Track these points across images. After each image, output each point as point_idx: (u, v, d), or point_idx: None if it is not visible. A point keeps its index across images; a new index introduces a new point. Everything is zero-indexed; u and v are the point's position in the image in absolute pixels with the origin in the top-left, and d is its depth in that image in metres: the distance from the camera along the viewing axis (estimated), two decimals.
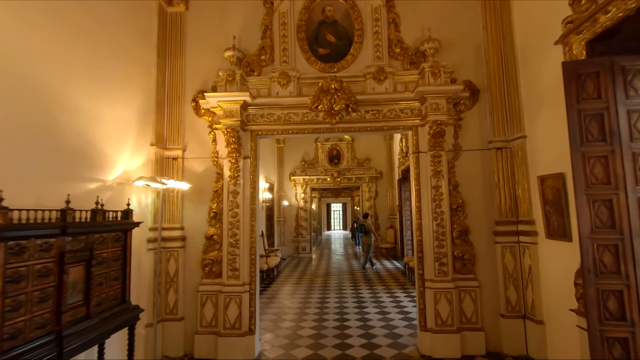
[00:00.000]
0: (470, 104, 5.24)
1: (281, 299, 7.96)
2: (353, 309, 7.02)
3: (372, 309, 6.99)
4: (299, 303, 7.53)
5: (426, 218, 5.06)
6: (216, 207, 5.23)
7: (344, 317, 6.48)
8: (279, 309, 7.14)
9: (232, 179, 5.12)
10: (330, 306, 7.24)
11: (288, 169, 14.22)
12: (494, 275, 5.02)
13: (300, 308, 7.15)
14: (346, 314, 6.67)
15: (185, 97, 5.42)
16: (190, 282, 5.18)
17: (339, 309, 7.05)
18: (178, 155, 5.30)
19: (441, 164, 5.05)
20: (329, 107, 5.04)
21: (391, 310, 6.84)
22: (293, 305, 7.42)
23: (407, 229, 12.05)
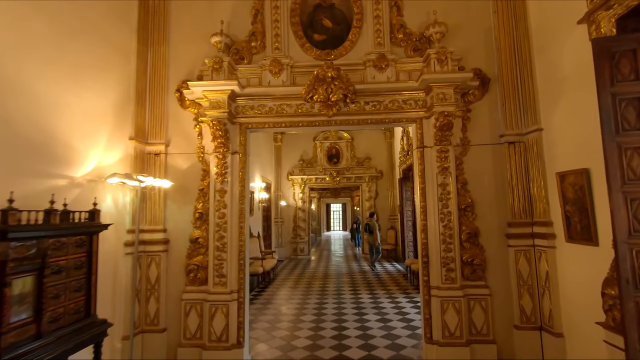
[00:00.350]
0: (480, 94, 4.76)
1: (276, 304, 7.48)
2: (352, 315, 6.54)
3: (372, 315, 6.51)
4: (295, 309, 7.05)
5: (432, 219, 4.58)
6: (202, 207, 4.75)
7: (342, 326, 6.00)
8: (273, 316, 6.66)
9: (219, 177, 4.65)
10: (328, 312, 6.76)
11: (286, 168, 13.75)
12: (507, 282, 4.53)
13: (296, 315, 6.67)
14: (345, 322, 6.19)
15: (168, 87, 4.94)
16: (173, 290, 4.70)
17: (337, 315, 6.57)
18: (160, 150, 4.82)
19: (448, 160, 4.57)
20: (325, 97, 4.56)
21: (393, 318, 6.35)
22: (289, 311, 6.94)
23: (408, 230, 11.56)
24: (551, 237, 4.19)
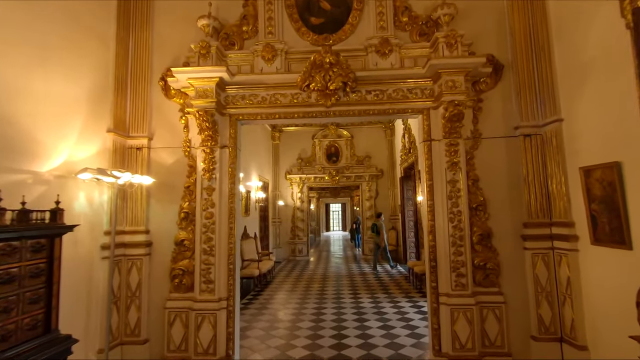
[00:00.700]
0: (492, 82, 4.32)
1: (273, 309, 7.04)
2: (353, 322, 6.09)
3: (374, 322, 6.07)
4: (292, 315, 6.61)
5: (440, 219, 4.14)
6: (188, 207, 4.30)
7: (342, 334, 5.55)
8: (268, 322, 6.21)
9: (206, 173, 4.21)
10: (327, 319, 6.32)
11: (284, 167, 13.30)
12: (523, 288, 4.10)
13: (292, 321, 6.22)
14: (345, 329, 5.75)
15: (152, 76, 4.50)
16: (156, 297, 4.25)
17: (337, 322, 6.13)
18: (143, 144, 4.38)
19: (458, 154, 4.14)
20: (323, 85, 4.12)
21: (396, 325, 5.91)
22: (285, 317, 6.49)
23: (409, 230, 11.12)
24: (573, 239, 3.76)
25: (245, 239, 9.34)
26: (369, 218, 13.02)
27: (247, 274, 8.31)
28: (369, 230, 13.04)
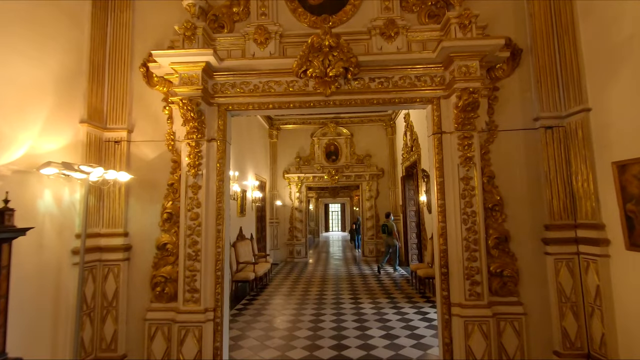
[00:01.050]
0: (509, 69, 3.87)
1: (268, 315, 6.57)
2: (353, 330, 5.63)
3: (376, 330, 5.60)
4: (288, 322, 6.15)
5: (452, 220, 3.69)
6: (171, 206, 3.84)
7: (341, 344, 5.09)
8: (263, 330, 5.75)
9: (191, 169, 3.75)
10: (325, 326, 5.86)
11: (282, 166, 12.83)
12: (545, 298, 3.64)
13: (289, 329, 5.76)
14: (345, 338, 5.29)
15: (133, 61, 4.04)
16: (135, 307, 3.79)
17: (336, 330, 5.67)
18: (122, 137, 3.92)
19: (472, 148, 3.69)
20: (322, 71, 3.67)
21: (400, 334, 5.45)
22: (282, 324, 6.03)
23: (412, 231, 10.67)
24: (603, 243, 3.30)
25: (240, 240, 8.89)
26: (369, 219, 12.57)
27: (242, 277, 7.85)
28: (369, 231, 12.61)
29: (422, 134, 9.28)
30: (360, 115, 12.50)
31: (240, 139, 9.43)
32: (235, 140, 9.11)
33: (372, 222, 12.50)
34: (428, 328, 5.68)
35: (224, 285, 3.77)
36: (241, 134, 9.49)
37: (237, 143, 9.07)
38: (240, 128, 9.36)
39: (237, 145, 9.06)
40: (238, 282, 8.05)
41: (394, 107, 3.97)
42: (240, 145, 9.42)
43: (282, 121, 12.73)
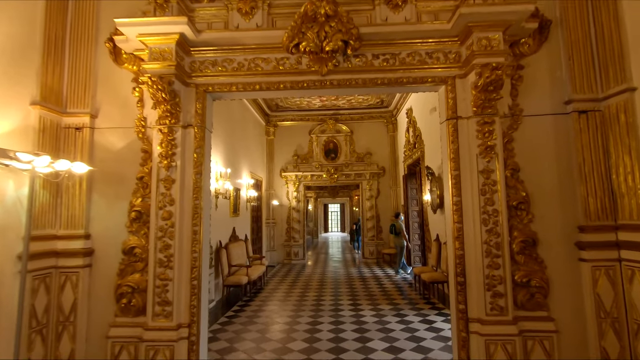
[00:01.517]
0: (536, 44, 3.29)
1: (261, 324, 5.98)
2: (353, 342, 5.04)
3: (378, 342, 5.01)
4: (282, 332, 5.55)
5: (470, 221, 3.10)
6: (140, 204, 3.26)
7: (340, 358, 4.51)
8: (254, 342, 5.16)
9: (163, 160, 3.16)
10: (322, 337, 5.26)
11: (279, 165, 12.24)
12: (580, 312, 3.06)
13: (283, 340, 5.17)
14: (344, 352, 4.69)
15: (98, 34, 3.45)
16: (97, 323, 3.20)
17: (334, 341, 5.08)
18: (84, 123, 3.33)
19: (493, 136, 3.10)
20: (317, 46, 3.09)
21: (404, 346, 4.86)
22: (275, 334, 5.44)
23: (414, 232, 10.09)
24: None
25: (233, 241, 8.30)
26: (369, 219, 11.98)
27: (234, 281, 7.27)
28: (370, 232, 12.02)
29: (425, 129, 8.70)
30: (360, 112, 11.94)
31: (234, 134, 8.85)
32: (228, 135, 8.56)
33: (373, 223, 11.91)
34: (435, 340, 5.09)
35: (202, 297, 3.17)
36: (235, 130, 8.91)
37: (231, 139, 8.49)
38: (234, 123, 8.78)
39: (231, 141, 8.48)
40: (230, 287, 7.46)
41: (401, 88, 3.39)
42: (234, 141, 8.85)
43: (279, 118, 12.15)
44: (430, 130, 8.32)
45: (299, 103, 11.28)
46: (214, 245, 7.24)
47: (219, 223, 7.47)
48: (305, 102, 11.13)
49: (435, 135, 8.05)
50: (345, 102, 11.17)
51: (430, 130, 8.31)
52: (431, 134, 8.25)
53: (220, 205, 7.59)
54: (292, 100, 10.94)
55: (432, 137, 8.22)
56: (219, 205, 7.46)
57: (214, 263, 7.16)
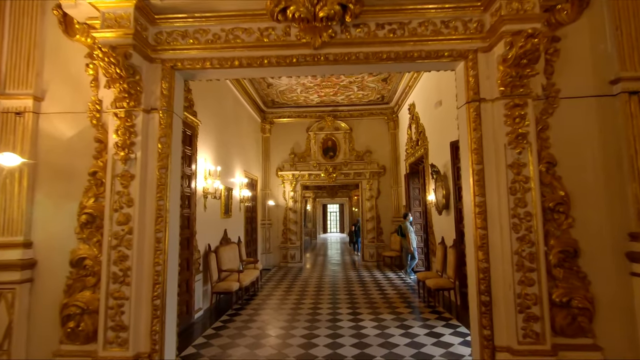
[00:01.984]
0: (575, 11, 2.68)
1: (251, 337, 5.36)
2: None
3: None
4: (273, 347, 4.93)
5: (496, 226, 2.50)
6: (93, 205, 2.65)
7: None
8: (243, 357, 4.55)
9: (120, 151, 2.55)
10: (318, 353, 4.64)
11: (275, 163, 11.62)
12: (633, 339, 2.45)
13: (274, 356, 4.56)
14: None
15: (45, 0, 2.85)
16: (37, 351, 2.58)
17: (332, 358, 4.47)
18: (26, 106, 2.72)
19: (526, 121, 2.50)
20: (309, 11, 2.48)
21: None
22: (265, 350, 4.80)
23: (416, 235, 9.48)
24: None
25: (224, 244, 7.68)
26: (369, 220, 11.37)
27: (223, 288, 6.65)
28: (370, 233, 11.41)
29: (429, 125, 8.10)
30: (359, 108, 11.34)
31: (226, 131, 8.25)
32: (220, 132, 7.93)
33: (373, 224, 11.29)
34: (444, 357, 4.48)
35: (166, 320, 2.56)
36: (227, 126, 8.31)
37: (222, 135, 7.88)
38: (225, 118, 8.18)
39: (223, 137, 7.87)
40: (220, 294, 6.85)
41: (411, 65, 2.78)
42: (227, 138, 8.24)
43: (276, 114, 11.55)
44: (434, 126, 7.72)
45: (295, 99, 10.68)
46: (203, 249, 6.63)
47: (208, 225, 6.86)
48: (302, 97, 10.53)
49: (440, 130, 7.48)
50: (344, 97, 10.57)
51: (434, 125, 7.71)
52: (436, 129, 7.65)
53: (210, 205, 6.98)
54: (289, 95, 10.34)
55: (436, 133, 7.62)
56: (208, 206, 6.85)
57: (202, 268, 6.55)
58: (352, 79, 9.09)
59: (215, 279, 6.78)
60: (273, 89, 9.73)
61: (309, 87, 9.64)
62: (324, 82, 9.28)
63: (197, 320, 6.03)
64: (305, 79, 9.04)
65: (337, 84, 9.42)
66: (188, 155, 5.96)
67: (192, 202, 6.02)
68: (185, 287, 5.79)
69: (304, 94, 10.19)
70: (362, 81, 9.24)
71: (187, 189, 5.84)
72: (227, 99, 8.35)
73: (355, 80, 9.20)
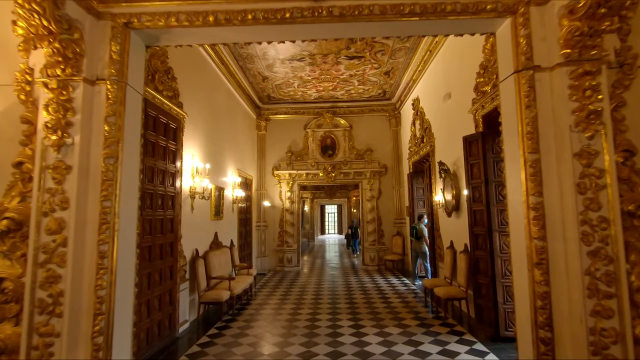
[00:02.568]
0: None
1: (240, 355, 4.66)
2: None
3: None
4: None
5: (558, 236, 1.83)
6: (17, 208, 1.95)
7: None
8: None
9: (51, 134, 1.86)
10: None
11: (271, 162, 10.93)
12: None
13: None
14: None
15: None
16: None
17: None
18: None
19: (599, 95, 1.83)
20: None
21: None
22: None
23: None
24: None
25: (215, 249, 6.99)
26: (370, 222, 10.70)
27: (212, 298, 5.95)
28: (370, 236, 10.73)
29: (436, 121, 7.45)
30: (360, 105, 10.69)
31: (218, 126, 7.56)
32: (210, 127, 7.19)
33: (374, 226, 10.62)
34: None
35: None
36: (219, 121, 7.62)
37: (213, 131, 7.18)
38: (217, 112, 7.49)
39: (213, 133, 7.18)
40: (209, 304, 6.15)
41: (440, 24, 2.08)
42: (218, 134, 7.55)
43: (272, 111, 10.88)
44: (442, 121, 7.06)
45: (292, 94, 10.01)
46: (189, 254, 5.94)
47: (196, 228, 6.17)
48: (300, 92, 9.86)
49: (449, 126, 6.82)
50: (343, 92, 9.91)
51: (442, 120, 7.06)
52: (444, 125, 7.00)
53: (198, 206, 6.29)
54: (285, 90, 9.66)
55: (445, 129, 6.97)
56: (195, 206, 6.16)
57: (188, 276, 5.85)
58: (352, 72, 8.44)
59: (203, 287, 6.08)
60: (269, 82, 9.05)
61: (306, 81, 8.97)
62: (322, 75, 8.62)
63: (181, 335, 5.34)
64: (303, 72, 8.37)
65: (337, 77, 8.75)
66: (172, 150, 5.27)
67: (176, 203, 5.33)
68: (169, 298, 5.10)
69: (302, 89, 9.53)
70: (363, 74, 8.59)
71: (170, 188, 5.15)
72: (219, 91, 7.66)
73: (356, 73, 8.54)
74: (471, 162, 5.27)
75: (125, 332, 1.94)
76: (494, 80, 4.82)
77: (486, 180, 4.95)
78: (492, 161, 4.97)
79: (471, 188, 5.27)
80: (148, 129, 4.50)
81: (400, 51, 7.51)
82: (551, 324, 1.82)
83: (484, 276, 5.08)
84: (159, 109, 4.83)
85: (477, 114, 5.37)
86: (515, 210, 2.01)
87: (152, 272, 4.66)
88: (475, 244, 5.26)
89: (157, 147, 4.81)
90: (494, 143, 5.00)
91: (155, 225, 4.75)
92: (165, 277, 5.03)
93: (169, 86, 5.16)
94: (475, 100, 5.41)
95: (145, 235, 4.51)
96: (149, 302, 4.57)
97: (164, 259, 4.99)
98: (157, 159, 4.78)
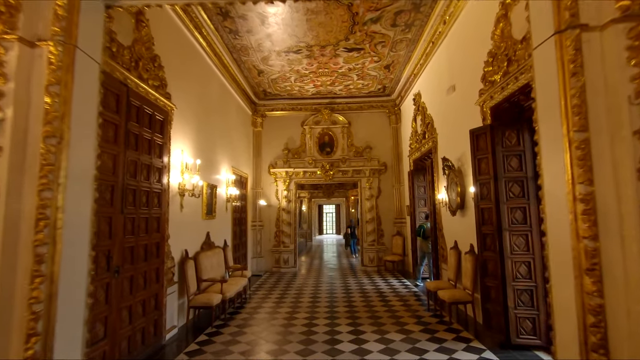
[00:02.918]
0: None
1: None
2: None
3: None
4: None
5: (614, 235, 1.44)
6: None
7: None
8: None
9: None
10: None
11: (267, 160, 10.54)
12: None
13: None
14: None
15: None
16: None
17: None
18: None
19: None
20: None
21: None
22: None
23: None
24: None
25: (206, 249, 6.59)
26: (369, 221, 10.32)
27: (202, 302, 5.54)
28: (370, 236, 10.35)
29: (439, 116, 7.07)
30: (359, 101, 10.32)
31: (210, 121, 7.16)
32: (201, 121, 6.65)
33: (373, 226, 10.24)
34: None
35: None
36: (211, 115, 7.22)
37: (205, 125, 6.78)
38: (209, 106, 7.09)
39: (206, 127, 6.78)
40: (199, 308, 5.74)
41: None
42: (211, 128, 7.16)
43: (268, 107, 10.49)
44: (446, 115, 6.69)
45: (289, 89, 9.62)
46: (178, 256, 5.53)
47: (185, 227, 5.78)
48: (297, 87, 9.47)
49: (454, 120, 6.41)
50: (342, 88, 9.53)
51: (446, 115, 6.69)
52: (448, 119, 6.63)
53: (188, 205, 5.89)
54: (282, 85, 9.27)
55: (448, 123, 6.60)
56: (185, 205, 5.76)
57: (177, 279, 5.45)
58: (351, 65, 8.06)
59: (193, 290, 5.68)
60: (264, 76, 8.66)
61: (304, 75, 8.58)
62: (320, 69, 8.23)
63: (169, 342, 4.94)
64: (300, 65, 7.98)
65: (335, 71, 8.37)
66: (159, 144, 4.88)
67: (163, 200, 4.93)
68: (154, 303, 4.69)
69: (299, 83, 9.14)
70: (362, 68, 8.21)
71: (156, 184, 4.75)
72: (211, 84, 7.26)
73: (355, 67, 8.16)
74: (479, 157, 4.89)
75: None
76: (505, 67, 4.45)
77: (495, 176, 4.57)
78: (502, 155, 4.59)
79: (479, 185, 4.89)
80: (130, 120, 4.10)
81: (402, 43, 7.14)
82: (606, 345, 1.43)
83: (492, 279, 4.70)
84: (143, 98, 4.43)
85: (484, 106, 5.00)
86: (556, 203, 1.62)
87: (135, 275, 4.26)
88: (483, 244, 4.89)
89: (141, 140, 4.41)
90: (503, 136, 4.63)
91: (139, 225, 4.35)
92: (151, 280, 4.63)
93: (155, 75, 4.76)
94: (482, 91, 5.03)
95: (127, 235, 4.11)
96: (131, 307, 4.17)
97: (149, 260, 4.58)
98: (140, 152, 4.38)
